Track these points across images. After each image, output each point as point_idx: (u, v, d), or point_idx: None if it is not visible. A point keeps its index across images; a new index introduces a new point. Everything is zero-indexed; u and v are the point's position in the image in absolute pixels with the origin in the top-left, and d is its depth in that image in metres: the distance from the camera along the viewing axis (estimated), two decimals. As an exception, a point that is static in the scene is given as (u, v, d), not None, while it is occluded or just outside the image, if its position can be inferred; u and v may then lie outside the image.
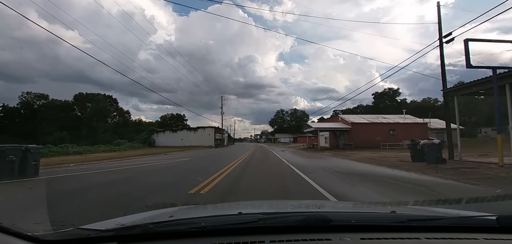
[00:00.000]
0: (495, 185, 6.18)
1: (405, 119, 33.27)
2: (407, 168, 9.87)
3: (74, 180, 8.07)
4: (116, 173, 9.82)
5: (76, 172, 9.98)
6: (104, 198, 5.36)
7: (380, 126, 31.76)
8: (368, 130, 30.70)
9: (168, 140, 50.88)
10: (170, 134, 54.05)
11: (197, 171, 9.96)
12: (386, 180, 7.47)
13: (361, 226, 1.11)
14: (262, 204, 2.67)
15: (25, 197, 5.64)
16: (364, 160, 14.85)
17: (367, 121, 32.64)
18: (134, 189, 6.19)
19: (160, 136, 53.20)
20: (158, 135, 53.56)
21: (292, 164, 12.18)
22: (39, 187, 6.67)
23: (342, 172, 9.29)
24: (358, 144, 28.65)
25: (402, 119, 33.19)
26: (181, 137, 52.34)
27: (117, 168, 11.61)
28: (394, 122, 32.41)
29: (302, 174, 8.55)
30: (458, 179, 7.14)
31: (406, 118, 33.59)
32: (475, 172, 8.24)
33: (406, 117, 33.87)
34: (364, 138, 29.60)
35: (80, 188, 6.48)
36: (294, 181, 7.34)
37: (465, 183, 6.62)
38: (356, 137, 29.79)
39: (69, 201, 5.09)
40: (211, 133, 51.92)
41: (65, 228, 1.06)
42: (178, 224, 1.16)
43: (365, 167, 11.22)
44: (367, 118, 34.81)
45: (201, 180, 7.07)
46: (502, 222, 1.08)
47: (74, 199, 5.33)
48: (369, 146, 28.51)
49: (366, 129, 30.81)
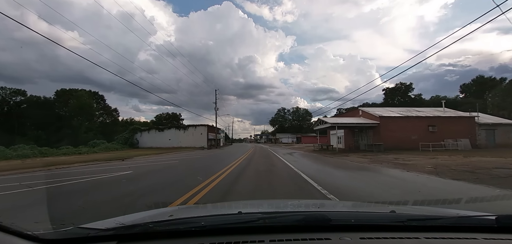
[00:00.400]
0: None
1: (445, 113, 26.29)
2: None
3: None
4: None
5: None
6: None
7: (415, 121, 24.62)
8: (401, 126, 23.66)
9: (154, 140, 43.95)
10: (156, 133, 46.34)
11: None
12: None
13: (361, 226, 1.10)
14: (262, 203, 2.58)
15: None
16: (443, 171, 8.25)
17: (398, 114, 25.58)
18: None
19: (144, 136, 45.86)
20: (142, 135, 46.03)
21: (334, 192, 5.57)
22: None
23: None
24: (389, 144, 21.88)
25: (441, 113, 26.21)
26: (169, 137, 44.81)
27: None
28: (432, 115, 25.41)
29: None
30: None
31: (445, 112, 26.62)
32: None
33: (446, 111, 26.90)
34: (396, 136, 22.73)
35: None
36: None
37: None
38: (386, 135, 22.93)
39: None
40: (203, 132, 44.28)
41: (65, 227, 1.04)
42: (178, 223, 1.14)
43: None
44: (397, 111, 27.87)
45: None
46: (502, 222, 1.06)
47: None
48: (403, 146, 21.72)
49: (398, 124, 23.76)
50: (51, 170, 10.87)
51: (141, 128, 49.19)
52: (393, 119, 24.46)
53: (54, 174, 9.59)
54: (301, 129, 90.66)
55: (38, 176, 8.79)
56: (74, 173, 9.46)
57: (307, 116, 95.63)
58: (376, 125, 23.83)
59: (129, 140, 42.36)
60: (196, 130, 44.51)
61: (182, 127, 47.74)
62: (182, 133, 45.14)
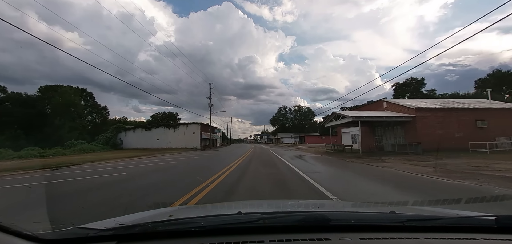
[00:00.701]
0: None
1: (491, 104, 20.96)
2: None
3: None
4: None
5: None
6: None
7: (460, 113, 19.24)
8: (442, 120, 18.32)
9: (140, 141, 39.16)
10: (143, 133, 41.32)
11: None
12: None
13: (361, 226, 1.10)
14: (261, 203, 2.59)
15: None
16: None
17: (439, 106, 20.10)
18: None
19: (129, 136, 40.87)
20: (126, 134, 41.03)
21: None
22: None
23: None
24: (428, 144, 16.76)
25: (488, 104, 20.95)
26: (157, 136, 39.80)
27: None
28: (480, 107, 20.07)
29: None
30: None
31: (492, 103, 21.29)
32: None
33: (493, 102, 21.56)
34: (435, 133, 17.52)
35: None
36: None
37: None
38: (422, 132, 17.88)
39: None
40: (196, 130, 39.05)
41: (64, 227, 1.02)
42: (178, 223, 1.13)
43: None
44: (434, 102, 22.63)
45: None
46: (501, 222, 1.05)
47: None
48: (445, 146, 16.47)
49: (439, 118, 18.35)
50: None
51: (125, 126, 44.07)
52: (433, 112, 19.14)
53: None
54: (303, 128, 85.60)
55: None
56: None
57: (310, 116, 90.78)
58: (410, 119, 18.61)
59: (111, 140, 37.40)
60: (188, 128, 39.33)
61: (172, 126, 42.39)
62: (172, 132, 39.82)
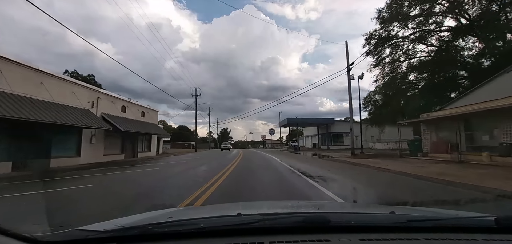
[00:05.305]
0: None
1: None
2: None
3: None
4: None
5: None
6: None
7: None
8: None
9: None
10: None
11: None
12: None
13: (360, 227, 1.09)
14: (261, 204, 2.60)
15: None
16: None
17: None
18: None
19: None
20: None
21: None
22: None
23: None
24: None
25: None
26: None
27: None
28: None
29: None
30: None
31: None
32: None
33: None
34: None
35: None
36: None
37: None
38: None
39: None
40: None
41: (63, 229, 1.01)
42: (177, 225, 1.12)
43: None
44: None
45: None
46: (501, 223, 1.06)
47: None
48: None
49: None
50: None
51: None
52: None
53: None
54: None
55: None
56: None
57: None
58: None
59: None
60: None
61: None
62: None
